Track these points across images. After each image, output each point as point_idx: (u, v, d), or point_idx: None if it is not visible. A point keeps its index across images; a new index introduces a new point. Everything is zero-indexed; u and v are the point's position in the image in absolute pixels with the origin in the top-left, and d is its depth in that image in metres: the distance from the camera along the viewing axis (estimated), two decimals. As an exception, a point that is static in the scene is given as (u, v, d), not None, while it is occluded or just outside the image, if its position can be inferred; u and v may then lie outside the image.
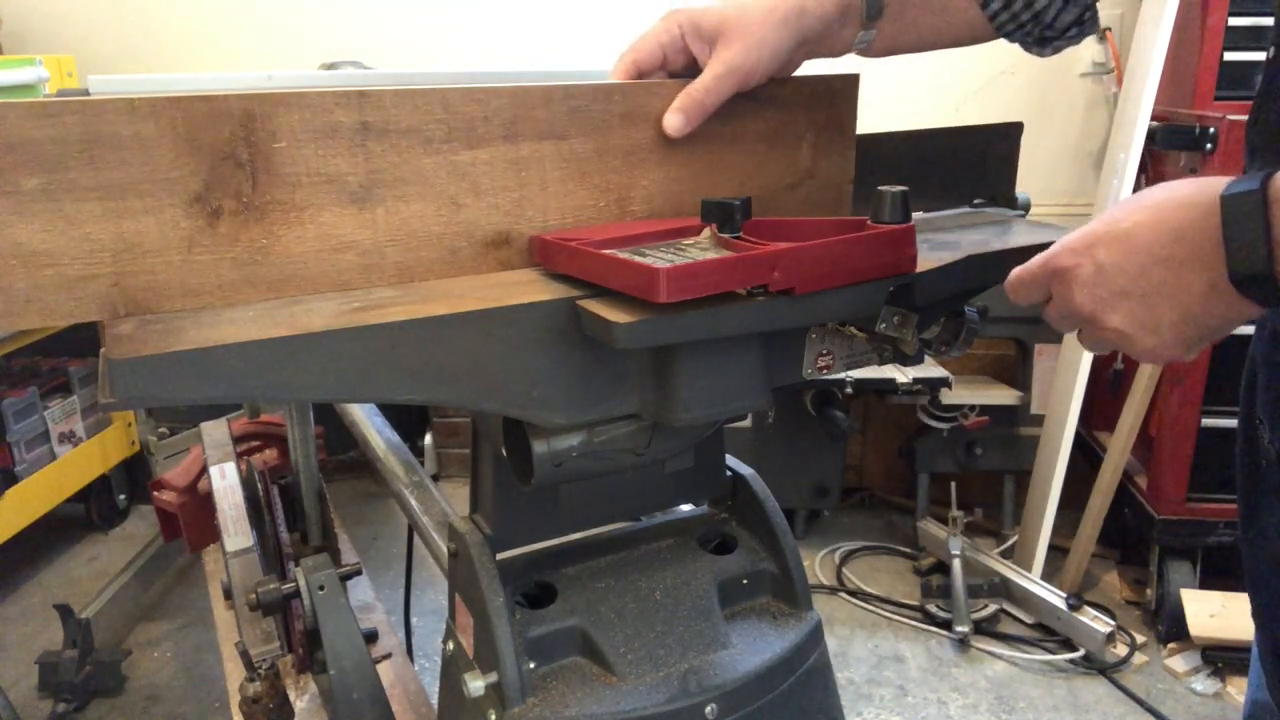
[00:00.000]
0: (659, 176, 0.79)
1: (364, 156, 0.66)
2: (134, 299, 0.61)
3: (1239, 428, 0.83)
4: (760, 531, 0.91)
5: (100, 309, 0.61)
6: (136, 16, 2.82)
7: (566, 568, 0.86)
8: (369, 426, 1.53)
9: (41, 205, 0.57)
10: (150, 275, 0.61)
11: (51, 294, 0.59)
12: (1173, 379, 2.24)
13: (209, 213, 0.62)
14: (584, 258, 0.67)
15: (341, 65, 1.71)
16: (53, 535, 2.74)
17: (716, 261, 0.62)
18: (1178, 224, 0.56)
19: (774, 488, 0.92)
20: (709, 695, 0.77)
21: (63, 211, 0.58)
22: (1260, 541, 0.79)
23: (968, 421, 2.56)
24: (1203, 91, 2.18)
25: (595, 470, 0.78)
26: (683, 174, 0.80)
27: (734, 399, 0.70)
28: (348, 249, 0.67)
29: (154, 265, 0.61)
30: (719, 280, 0.61)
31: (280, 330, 0.58)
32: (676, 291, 0.59)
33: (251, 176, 0.63)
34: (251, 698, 1.32)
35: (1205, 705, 2.09)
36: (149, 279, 0.61)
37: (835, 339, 0.74)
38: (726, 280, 0.61)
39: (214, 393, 0.56)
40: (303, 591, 1.17)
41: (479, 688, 0.76)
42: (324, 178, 0.65)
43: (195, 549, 2.10)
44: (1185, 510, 2.25)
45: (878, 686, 2.15)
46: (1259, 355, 0.78)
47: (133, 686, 2.15)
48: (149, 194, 0.60)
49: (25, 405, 2.43)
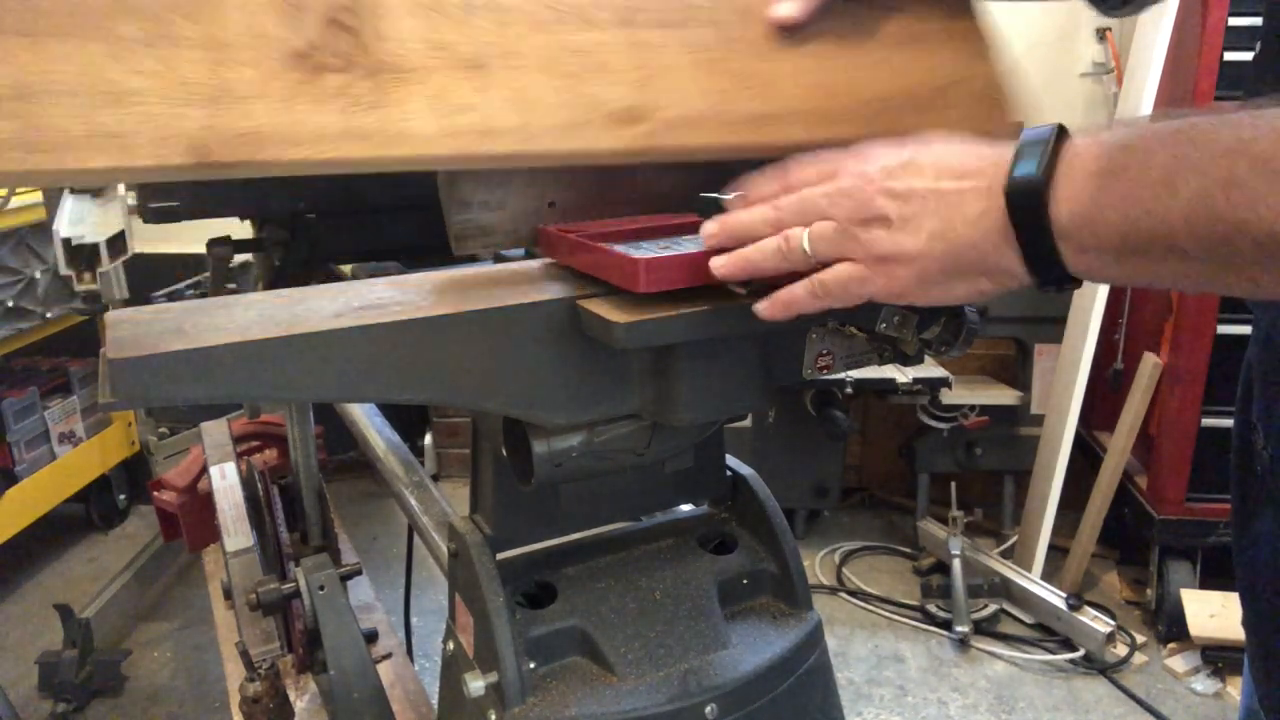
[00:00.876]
0: (799, 67, 0.76)
1: (472, 31, 0.65)
2: (227, 143, 0.57)
3: (1234, 434, 0.82)
4: (760, 531, 0.91)
5: (189, 151, 0.57)
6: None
7: (566, 568, 0.86)
8: (369, 426, 1.53)
9: (139, 50, 0.56)
10: (247, 121, 0.58)
11: (141, 129, 0.55)
12: (1173, 379, 2.24)
13: (312, 67, 0.60)
14: (579, 249, 0.67)
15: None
16: (53, 535, 2.74)
17: (700, 254, 0.62)
18: (979, 158, 0.57)
19: (774, 488, 0.92)
20: (709, 695, 0.77)
21: (159, 56, 0.56)
22: (1253, 549, 0.78)
23: (968, 421, 2.56)
24: (1203, 91, 2.18)
25: (595, 470, 0.78)
26: (824, 70, 0.77)
27: (734, 399, 0.70)
28: (463, 111, 0.64)
29: (252, 110, 0.58)
30: (700, 273, 0.62)
31: (280, 330, 0.58)
32: (655, 282, 0.61)
33: (357, 39, 0.62)
34: (251, 698, 1.33)
35: (1205, 705, 2.09)
36: (246, 124, 0.58)
37: (835, 339, 0.74)
38: (707, 272, 0.62)
39: (214, 393, 0.56)
40: (303, 591, 1.17)
41: (479, 688, 0.76)
42: (432, 44, 0.64)
43: (195, 549, 2.10)
44: (1185, 510, 2.25)
45: (878, 686, 2.15)
46: (1254, 361, 0.78)
47: (133, 686, 2.15)
48: (250, 47, 0.58)
49: (25, 405, 2.43)
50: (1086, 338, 2.35)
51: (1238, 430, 0.82)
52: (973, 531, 2.64)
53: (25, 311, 2.41)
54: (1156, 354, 2.28)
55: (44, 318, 2.47)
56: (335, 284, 0.70)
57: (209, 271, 1.18)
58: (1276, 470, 0.74)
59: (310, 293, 0.67)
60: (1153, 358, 2.28)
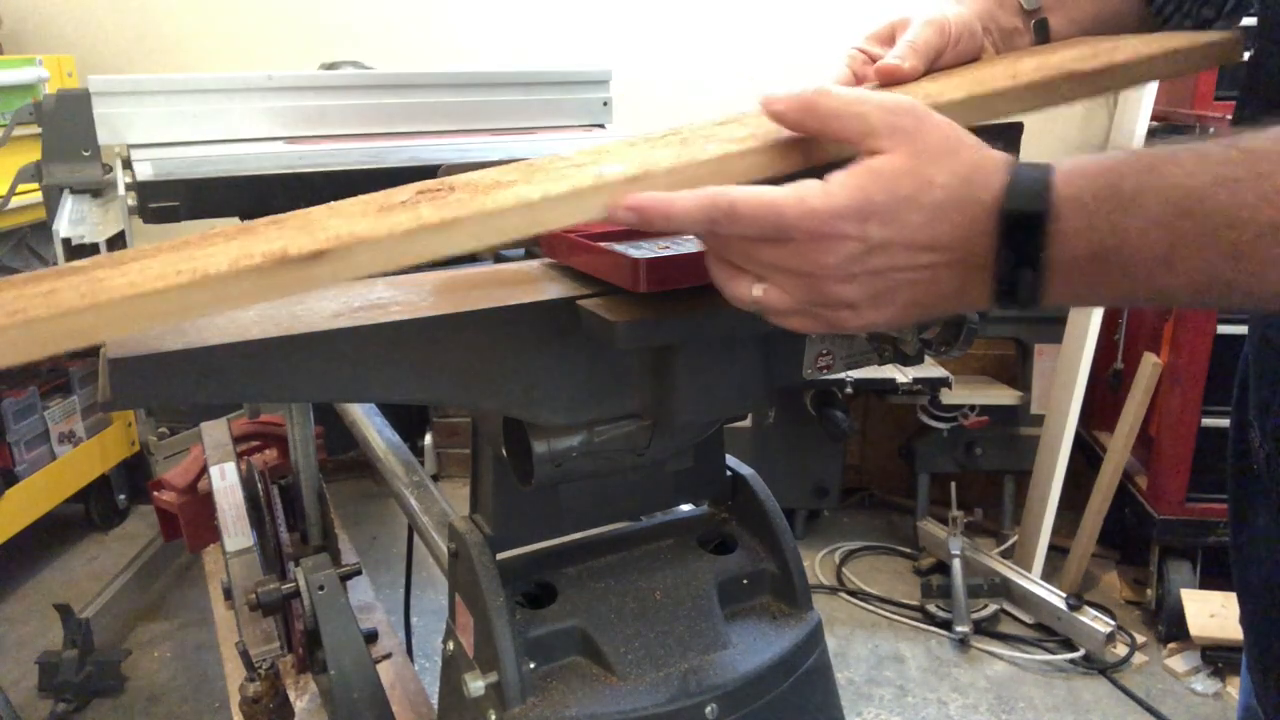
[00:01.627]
0: None
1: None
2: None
3: (1230, 431, 0.82)
4: (760, 531, 0.91)
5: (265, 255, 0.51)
6: (136, 16, 2.82)
7: (566, 568, 0.86)
8: (369, 426, 1.53)
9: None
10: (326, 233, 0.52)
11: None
12: (1173, 379, 2.24)
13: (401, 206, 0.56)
14: (579, 249, 0.67)
15: (341, 65, 1.71)
16: (53, 535, 2.74)
17: (700, 254, 0.62)
18: (953, 226, 0.51)
19: (774, 488, 0.92)
20: (709, 695, 0.77)
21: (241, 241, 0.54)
22: (1249, 547, 0.78)
23: (968, 421, 2.56)
24: (1202, 91, 2.18)
25: (595, 470, 0.78)
26: None
27: (734, 399, 0.71)
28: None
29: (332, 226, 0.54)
30: (700, 273, 0.61)
31: (280, 330, 0.58)
32: (655, 282, 0.61)
33: (451, 189, 0.58)
34: (251, 698, 1.33)
35: (1205, 705, 2.09)
36: (323, 235, 0.52)
37: (835, 339, 0.74)
38: (707, 272, 0.62)
39: (214, 393, 0.56)
40: (303, 591, 1.17)
41: (479, 688, 0.76)
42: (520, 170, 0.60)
43: (195, 549, 2.10)
44: (1185, 510, 2.25)
45: (878, 686, 2.15)
46: (1250, 358, 0.78)
47: (133, 686, 2.14)
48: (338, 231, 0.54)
49: (25, 405, 2.43)
50: (1086, 338, 2.35)
51: (1234, 429, 0.82)
52: (973, 531, 2.64)
53: (25, 311, 2.41)
54: (1156, 354, 2.28)
55: (44, 318, 2.47)
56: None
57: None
58: (1273, 469, 0.74)
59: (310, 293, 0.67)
60: (1152, 358, 2.28)
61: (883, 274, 0.52)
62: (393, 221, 0.51)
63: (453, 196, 0.56)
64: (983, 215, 0.50)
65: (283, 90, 1.32)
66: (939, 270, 0.52)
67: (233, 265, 0.48)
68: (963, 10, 0.73)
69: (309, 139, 1.31)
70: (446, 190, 0.57)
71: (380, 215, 0.54)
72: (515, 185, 0.56)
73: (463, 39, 2.80)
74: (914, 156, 0.52)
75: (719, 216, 0.52)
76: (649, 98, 2.16)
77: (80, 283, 0.50)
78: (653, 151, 0.59)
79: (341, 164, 1.07)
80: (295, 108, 1.33)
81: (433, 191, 0.58)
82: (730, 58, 2.75)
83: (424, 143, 1.30)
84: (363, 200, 0.59)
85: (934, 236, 0.51)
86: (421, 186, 0.59)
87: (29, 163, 1.36)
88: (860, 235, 0.51)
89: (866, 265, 0.52)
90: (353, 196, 0.61)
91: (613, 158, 0.59)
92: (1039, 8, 0.77)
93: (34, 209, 2.30)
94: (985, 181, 0.51)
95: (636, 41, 2.76)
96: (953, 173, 0.51)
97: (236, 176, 1.01)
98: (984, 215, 0.50)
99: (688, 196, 0.53)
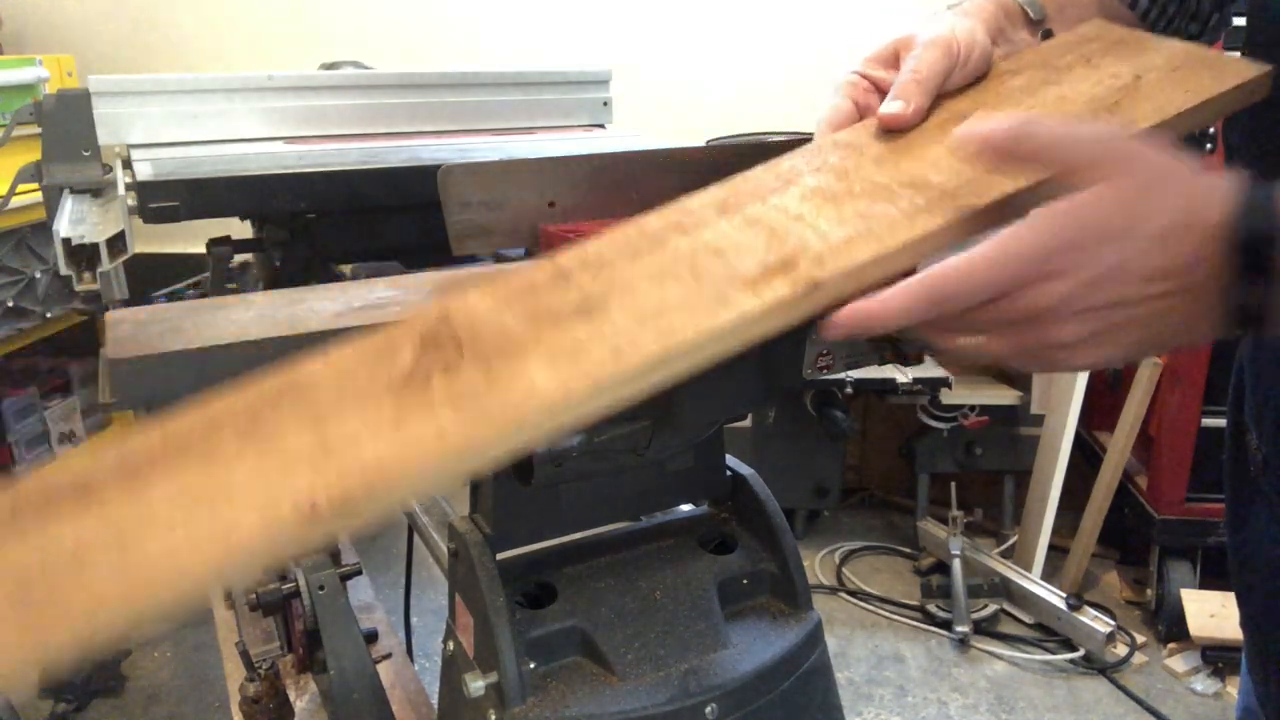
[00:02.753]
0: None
1: (573, 289, 0.56)
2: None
3: (1227, 433, 0.82)
4: (760, 531, 0.91)
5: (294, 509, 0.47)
6: (136, 16, 2.82)
7: (566, 568, 0.86)
8: (369, 426, 1.53)
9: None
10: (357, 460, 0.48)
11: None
12: (1173, 379, 2.24)
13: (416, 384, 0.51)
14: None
15: (341, 65, 1.71)
16: (53, 535, 2.74)
17: None
18: (1181, 251, 0.50)
19: (774, 488, 0.92)
20: (709, 695, 0.77)
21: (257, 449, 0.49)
22: (1247, 548, 0.78)
23: (968, 421, 2.56)
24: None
25: (595, 470, 0.78)
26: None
27: (734, 399, 0.70)
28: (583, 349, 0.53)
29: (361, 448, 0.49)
30: None
31: (280, 330, 0.58)
32: None
33: (458, 347, 0.52)
34: (251, 698, 1.32)
35: (1205, 705, 2.09)
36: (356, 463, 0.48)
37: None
38: None
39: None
40: (303, 591, 1.17)
41: (479, 688, 0.76)
42: (532, 314, 0.55)
43: (195, 549, 2.09)
44: (1185, 510, 2.25)
45: (878, 686, 2.15)
46: (1245, 360, 0.78)
47: (133, 686, 2.14)
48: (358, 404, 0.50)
49: (25, 405, 2.43)
50: (1086, 338, 2.35)
51: (1230, 431, 0.82)
52: (973, 531, 2.64)
53: (25, 311, 2.41)
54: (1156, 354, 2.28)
55: (44, 318, 2.47)
56: (335, 284, 0.70)
57: (209, 271, 1.18)
58: (1270, 471, 0.74)
59: (310, 293, 0.67)
60: (1152, 357, 2.28)
61: (1109, 309, 0.50)
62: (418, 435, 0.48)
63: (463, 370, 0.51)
64: (1211, 239, 0.48)
65: (283, 90, 1.32)
66: (1172, 299, 0.50)
67: (265, 525, 0.44)
68: (970, 23, 0.68)
69: (309, 139, 1.31)
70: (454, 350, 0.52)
71: (394, 413, 0.49)
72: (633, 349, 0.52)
73: (463, 39, 2.80)
74: (1133, 184, 0.50)
75: (935, 307, 0.51)
76: (649, 98, 2.16)
77: (108, 539, 0.45)
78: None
79: (341, 164, 1.07)
80: (295, 108, 1.33)
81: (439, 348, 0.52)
82: (730, 58, 2.75)
83: (424, 143, 1.30)
84: (359, 360, 0.52)
85: (1164, 264, 0.49)
86: (425, 335, 0.53)
87: (29, 163, 1.36)
88: (1075, 268, 0.49)
89: (1088, 301, 0.50)
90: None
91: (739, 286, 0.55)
92: (1044, 18, 0.76)
93: (34, 209, 2.29)
94: (1211, 203, 0.49)
95: (637, 41, 2.76)
96: (1177, 194, 0.50)
97: (236, 176, 1.01)
98: (1212, 239, 0.48)
99: (897, 298, 0.51)
